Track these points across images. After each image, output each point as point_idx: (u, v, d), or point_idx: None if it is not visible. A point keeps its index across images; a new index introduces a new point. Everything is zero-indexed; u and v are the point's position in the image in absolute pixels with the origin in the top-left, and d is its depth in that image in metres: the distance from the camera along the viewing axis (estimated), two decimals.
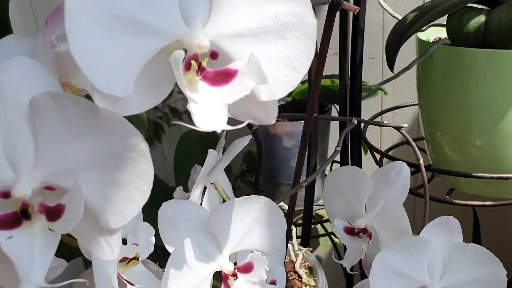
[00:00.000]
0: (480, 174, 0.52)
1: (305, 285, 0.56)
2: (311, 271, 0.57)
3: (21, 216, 0.21)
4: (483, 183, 0.54)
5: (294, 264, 0.57)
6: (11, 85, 0.20)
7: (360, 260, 0.42)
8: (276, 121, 0.75)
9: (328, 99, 0.80)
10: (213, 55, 0.22)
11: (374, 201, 0.40)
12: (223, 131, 0.20)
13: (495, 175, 0.51)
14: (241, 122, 0.21)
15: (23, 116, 0.20)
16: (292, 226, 0.58)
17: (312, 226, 0.82)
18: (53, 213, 0.21)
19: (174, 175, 0.83)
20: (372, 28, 0.87)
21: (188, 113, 0.21)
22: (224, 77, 0.21)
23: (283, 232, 0.34)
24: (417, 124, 0.89)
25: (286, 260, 0.54)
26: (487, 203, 0.53)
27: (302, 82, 0.85)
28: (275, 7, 0.22)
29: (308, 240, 0.68)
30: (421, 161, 0.42)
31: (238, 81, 0.21)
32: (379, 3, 0.60)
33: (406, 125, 0.43)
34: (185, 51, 0.20)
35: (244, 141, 0.37)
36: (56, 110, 0.20)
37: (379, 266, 0.35)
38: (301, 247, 0.57)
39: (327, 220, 0.86)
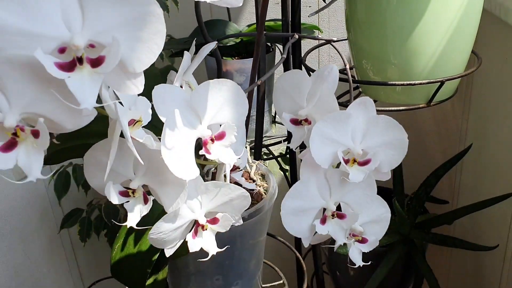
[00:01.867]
0: (395, 82, 0.65)
1: (259, 186, 0.68)
2: (263, 177, 0.69)
3: (76, 62, 0.30)
4: (398, 92, 0.68)
5: (249, 173, 0.69)
6: None
7: None
8: (226, 59, 0.87)
9: (272, 39, 0.91)
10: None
11: (312, 95, 0.52)
12: None
13: (405, 82, 0.64)
14: None
15: None
16: (246, 144, 0.70)
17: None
18: (96, 62, 0.31)
19: None
20: None
21: None
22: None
23: (245, 111, 0.46)
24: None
25: (242, 171, 0.65)
26: (401, 108, 0.67)
27: (249, 25, 0.96)
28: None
29: (259, 155, 0.80)
30: (347, 66, 0.54)
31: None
32: None
33: (336, 38, 0.55)
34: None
35: (211, 45, 0.48)
36: None
37: (316, 133, 0.47)
38: (254, 160, 0.69)
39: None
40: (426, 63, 0.66)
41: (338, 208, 0.51)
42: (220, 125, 0.44)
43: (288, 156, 0.92)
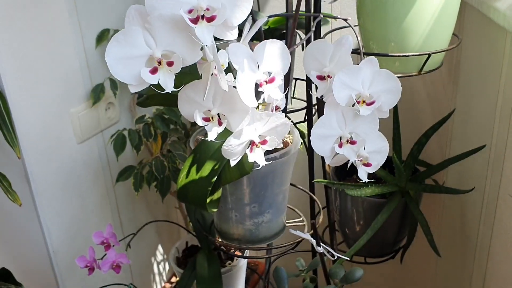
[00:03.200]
0: (394, 54, 0.86)
1: (286, 137, 0.88)
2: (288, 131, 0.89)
3: (199, 18, 0.50)
4: (397, 62, 0.88)
5: None
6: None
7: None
8: (256, 42, 1.06)
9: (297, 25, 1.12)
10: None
11: (333, 57, 0.72)
12: None
13: (401, 54, 0.85)
14: None
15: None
16: None
17: None
18: (210, 19, 0.51)
19: None
20: None
21: None
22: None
23: (288, 62, 0.65)
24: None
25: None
26: (398, 75, 0.87)
27: (273, 15, 1.16)
28: None
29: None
30: (360, 40, 0.74)
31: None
32: None
33: (350, 18, 0.75)
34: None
35: (264, 19, 0.68)
36: None
37: (337, 80, 0.67)
38: None
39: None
40: (417, 40, 0.86)
41: (351, 137, 0.71)
42: (270, 73, 0.64)
43: (306, 122, 1.12)
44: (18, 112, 0.99)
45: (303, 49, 0.99)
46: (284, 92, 0.67)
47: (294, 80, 1.22)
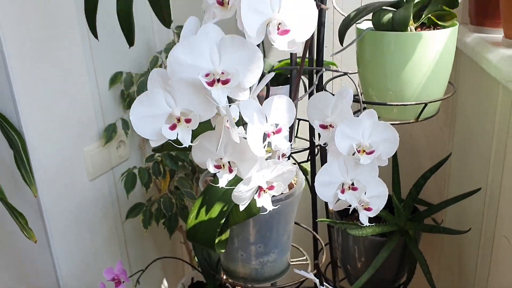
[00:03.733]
0: (392, 103, 0.91)
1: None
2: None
3: (215, 81, 0.56)
4: (394, 111, 0.94)
5: None
6: (209, 32, 0.56)
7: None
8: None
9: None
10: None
11: (335, 108, 0.77)
12: None
13: (399, 103, 0.90)
14: None
15: (216, 43, 0.55)
16: None
17: None
18: (225, 82, 0.56)
19: None
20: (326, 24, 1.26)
21: None
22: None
23: (293, 116, 0.71)
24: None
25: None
26: (396, 122, 0.93)
27: (280, 61, 1.22)
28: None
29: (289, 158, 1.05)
30: (359, 93, 0.80)
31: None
32: (333, 6, 0.98)
33: (350, 71, 0.81)
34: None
35: (271, 75, 0.74)
36: (230, 40, 0.55)
37: (339, 131, 0.72)
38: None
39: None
40: (414, 90, 0.92)
41: (352, 184, 0.75)
42: (277, 125, 0.70)
43: (309, 162, 1.16)
44: (35, 152, 1.04)
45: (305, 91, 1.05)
46: (289, 143, 0.72)
47: (297, 121, 1.27)
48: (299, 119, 1.26)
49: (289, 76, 1.14)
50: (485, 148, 1.01)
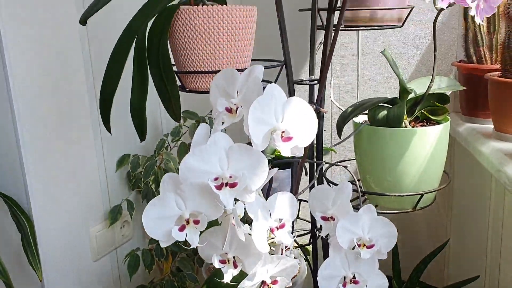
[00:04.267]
0: (390, 194, 0.95)
1: None
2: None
3: (223, 185, 0.60)
4: (392, 200, 0.97)
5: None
6: (218, 141, 0.60)
7: None
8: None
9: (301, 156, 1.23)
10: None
11: (334, 202, 0.81)
12: None
13: (397, 194, 0.94)
14: None
15: (224, 150, 0.60)
16: None
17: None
18: (232, 185, 0.60)
19: None
20: (325, 115, 1.32)
21: None
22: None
23: (296, 211, 0.74)
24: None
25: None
26: (395, 211, 0.96)
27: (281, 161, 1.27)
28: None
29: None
30: (357, 183, 0.84)
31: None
32: (331, 100, 1.04)
33: (349, 165, 0.85)
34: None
35: (274, 170, 0.78)
36: (238, 148, 0.60)
37: (340, 227, 0.75)
38: None
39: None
40: (411, 180, 0.96)
41: (354, 277, 0.77)
42: (281, 219, 0.73)
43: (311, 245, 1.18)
44: (42, 235, 1.07)
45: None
46: (292, 237, 0.74)
47: (298, 202, 1.30)
48: (300, 200, 1.30)
49: (289, 162, 1.18)
50: (482, 235, 1.04)
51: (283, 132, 0.63)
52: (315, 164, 0.95)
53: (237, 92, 0.68)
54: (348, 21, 1.07)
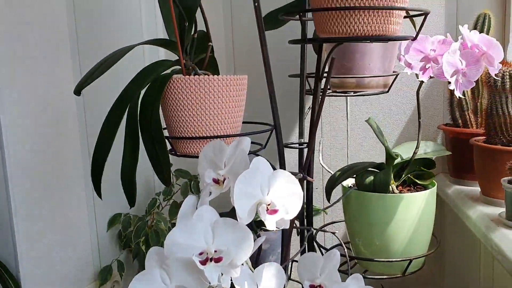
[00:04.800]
0: (378, 260, 0.95)
1: None
2: None
3: (208, 260, 0.60)
4: (381, 265, 0.97)
5: None
6: (204, 215, 0.61)
7: None
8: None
9: None
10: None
11: (323, 270, 0.81)
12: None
13: (385, 259, 0.94)
14: None
15: (210, 224, 0.61)
16: None
17: None
18: (217, 260, 0.61)
19: None
20: (315, 176, 1.34)
21: None
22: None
23: (283, 281, 0.74)
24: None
25: None
26: (384, 276, 0.96)
27: None
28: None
29: None
30: (345, 249, 0.84)
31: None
32: (320, 163, 1.06)
33: (337, 231, 0.86)
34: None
35: (262, 238, 0.78)
36: (223, 222, 0.61)
37: None
38: None
39: None
40: (400, 245, 0.96)
41: None
42: None
43: None
44: None
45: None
46: None
47: (290, 262, 1.30)
48: (293, 260, 1.29)
49: None
50: None
51: (268, 205, 0.64)
52: (305, 231, 0.96)
53: (225, 163, 0.70)
54: (336, 86, 1.10)
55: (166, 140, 0.91)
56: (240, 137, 0.71)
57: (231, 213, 0.64)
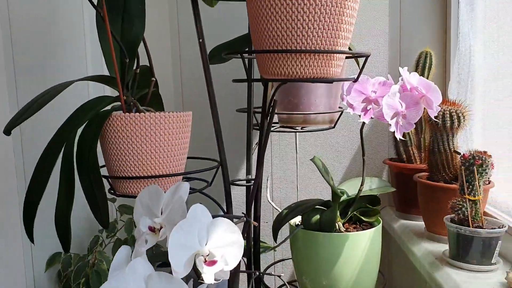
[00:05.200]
0: None
1: None
2: None
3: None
4: None
5: None
6: (137, 268, 0.58)
7: None
8: None
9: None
10: (208, 254, 0.61)
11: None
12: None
13: None
14: None
15: (143, 279, 0.58)
16: None
17: None
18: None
19: None
20: (265, 210, 1.33)
21: None
22: (214, 262, 0.60)
23: None
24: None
25: None
26: None
27: None
28: (230, 236, 0.62)
29: None
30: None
31: (218, 263, 0.60)
32: (268, 201, 1.04)
33: (283, 274, 0.84)
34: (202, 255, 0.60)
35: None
36: (157, 276, 0.57)
37: None
38: None
39: None
40: (347, 283, 0.95)
41: None
42: None
43: None
44: None
45: None
46: None
47: None
48: None
49: None
50: None
51: (207, 255, 0.62)
52: (253, 274, 0.93)
53: (162, 210, 0.67)
54: (284, 122, 1.10)
55: (106, 179, 0.87)
56: (178, 182, 0.68)
57: None
